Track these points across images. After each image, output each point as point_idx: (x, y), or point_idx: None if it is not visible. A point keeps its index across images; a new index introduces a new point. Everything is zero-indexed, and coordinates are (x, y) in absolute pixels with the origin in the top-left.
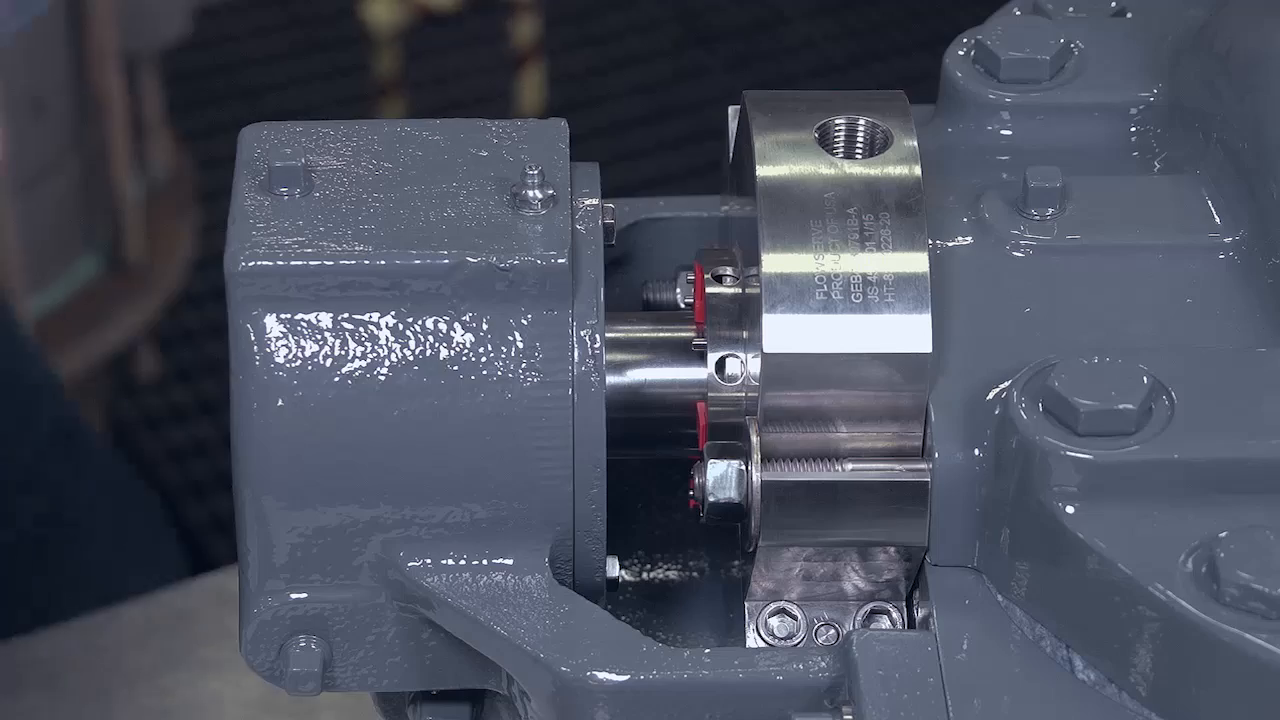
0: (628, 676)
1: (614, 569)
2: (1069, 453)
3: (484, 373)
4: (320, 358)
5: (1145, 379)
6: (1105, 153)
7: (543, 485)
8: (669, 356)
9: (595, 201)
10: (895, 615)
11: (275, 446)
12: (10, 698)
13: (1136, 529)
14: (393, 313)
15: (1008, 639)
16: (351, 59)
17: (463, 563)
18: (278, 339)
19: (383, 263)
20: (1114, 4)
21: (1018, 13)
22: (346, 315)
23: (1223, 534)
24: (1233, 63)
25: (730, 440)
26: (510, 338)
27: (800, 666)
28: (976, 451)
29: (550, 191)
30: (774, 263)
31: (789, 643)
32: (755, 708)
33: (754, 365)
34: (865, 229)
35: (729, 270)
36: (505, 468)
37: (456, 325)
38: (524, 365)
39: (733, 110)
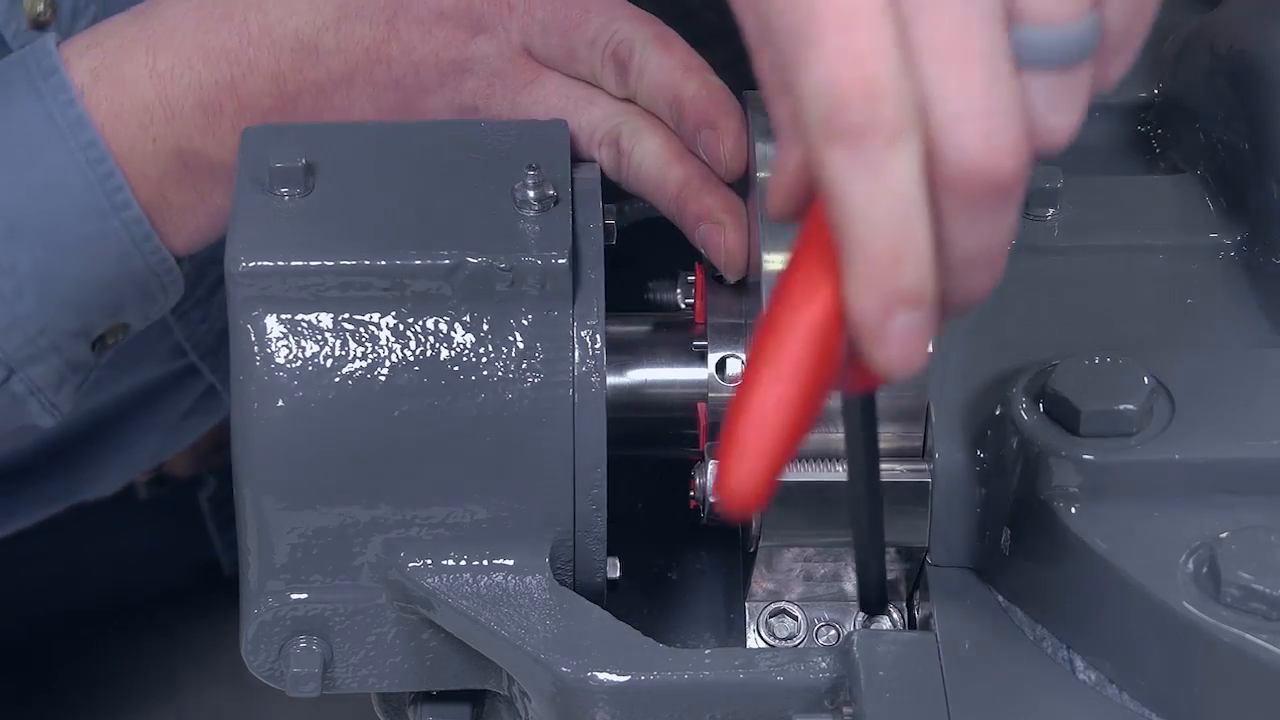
0: (628, 677)
1: (614, 569)
2: (1069, 453)
3: (484, 373)
4: (321, 358)
5: (1145, 379)
6: (1105, 152)
7: (543, 486)
8: (670, 357)
9: (596, 201)
10: (895, 615)
11: (275, 447)
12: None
13: (1136, 529)
14: (393, 313)
15: (1008, 639)
16: None
17: (463, 563)
18: (278, 339)
19: (383, 263)
20: None
21: None
22: (347, 315)
23: (1223, 534)
24: (1232, 63)
25: None
26: (511, 338)
27: (801, 667)
28: (977, 451)
29: (550, 191)
30: (774, 263)
31: (790, 643)
32: (756, 708)
33: None
34: None
35: None
36: (506, 468)
37: (457, 325)
38: (524, 366)
39: None
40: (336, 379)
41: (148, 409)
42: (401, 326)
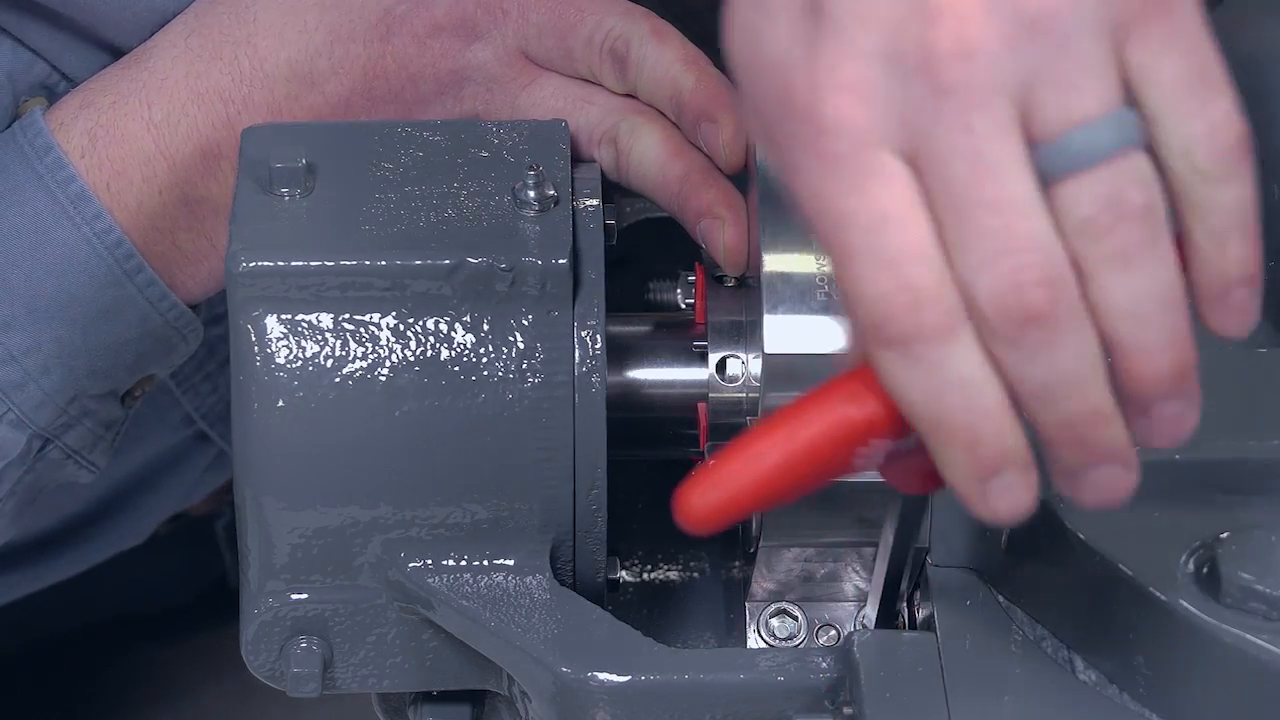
0: (628, 677)
1: (615, 569)
2: None
3: (485, 373)
4: (321, 358)
5: None
6: None
7: (543, 486)
8: (670, 357)
9: (596, 201)
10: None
11: (276, 447)
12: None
13: (1136, 529)
14: (393, 313)
15: (1008, 639)
16: None
17: (464, 563)
18: (278, 339)
19: (384, 263)
20: None
21: None
22: (347, 316)
23: (1223, 534)
24: (1232, 63)
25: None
26: (511, 338)
27: (801, 667)
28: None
29: (551, 192)
30: (775, 263)
31: (790, 643)
32: (756, 709)
33: (755, 366)
34: None
35: None
36: (506, 468)
37: (457, 326)
38: (525, 366)
39: None
40: (337, 379)
41: (161, 477)
42: (402, 327)
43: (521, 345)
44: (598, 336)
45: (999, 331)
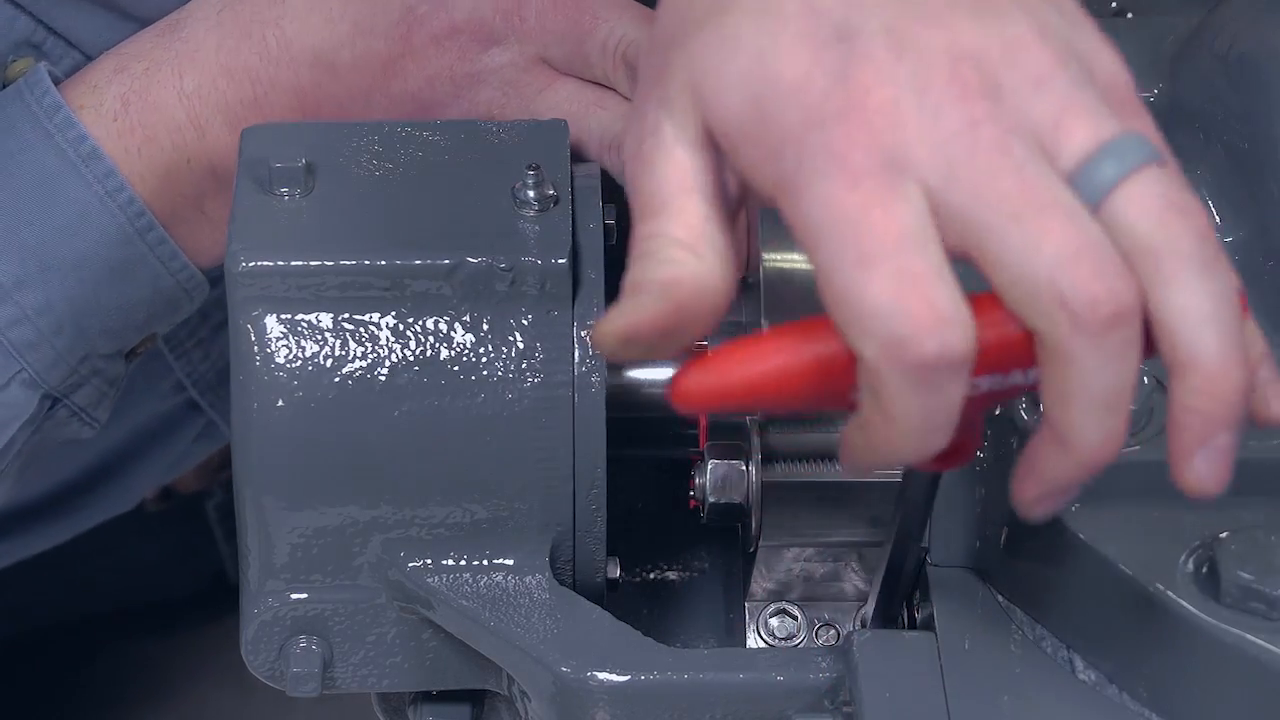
0: (628, 677)
1: (614, 569)
2: None
3: (484, 373)
4: (321, 358)
5: (1145, 379)
6: None
7: (543, 486)
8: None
9: (596, 201)
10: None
11: (275, 446)
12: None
13: (1136, 529)
14: (393, 313)
15: (1008, 639)
16: None
17: (463, 563)
18: (278, 339)
19: (383, 263)
20: (1114, 4)
21: None
22: (347, 315)
23: (1223, 534)
24: (1233, 62)
25: (731, 440)
26: (511, 338)
27: (801, 667)
28: (977, 451)
29: (550, 192)
30: (774, 262)
31: (789, 643)
32: (756, 708)
33: None
34: None
35: None
36: (506, 468)
37: (457, 326)
38: (524, 366)
39: None
40: (336, 379)
41: (151, 445)
42: (401, 326)
43: (521, 345)
44: None
45: (1090, 329)
